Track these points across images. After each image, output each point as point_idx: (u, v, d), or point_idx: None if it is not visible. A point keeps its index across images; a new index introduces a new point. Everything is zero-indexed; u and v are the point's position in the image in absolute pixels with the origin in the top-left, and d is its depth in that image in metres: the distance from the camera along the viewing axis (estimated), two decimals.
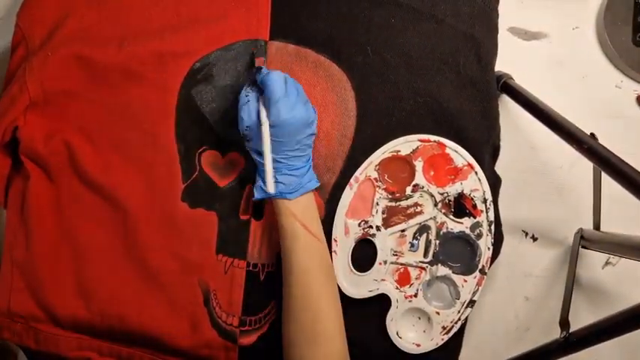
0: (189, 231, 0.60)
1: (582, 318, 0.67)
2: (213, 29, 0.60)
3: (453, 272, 0.61)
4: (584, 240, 0.67)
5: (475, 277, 0.60)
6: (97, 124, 0.59)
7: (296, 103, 0.52)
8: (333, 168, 0.61)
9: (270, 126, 0.51)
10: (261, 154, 0.52)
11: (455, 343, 0.62)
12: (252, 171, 0.59)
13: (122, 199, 0.59)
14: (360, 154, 0.61)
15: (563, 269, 0.70)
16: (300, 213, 0.53)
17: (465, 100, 0.62)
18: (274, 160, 0.52)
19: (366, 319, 0.61)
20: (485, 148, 0.63)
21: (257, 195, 0.55)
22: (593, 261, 0.71)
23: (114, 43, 0.59)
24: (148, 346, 0.59)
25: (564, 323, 0.58)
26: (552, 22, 0.74)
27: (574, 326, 0.55)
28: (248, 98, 0.53)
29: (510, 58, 0.69)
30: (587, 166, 0.66)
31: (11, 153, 0.60)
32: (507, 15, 0.65)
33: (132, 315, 0.58)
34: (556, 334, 0.56)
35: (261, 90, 0.53)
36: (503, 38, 0.65)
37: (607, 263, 0.71)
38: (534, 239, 0.72)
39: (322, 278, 0.53)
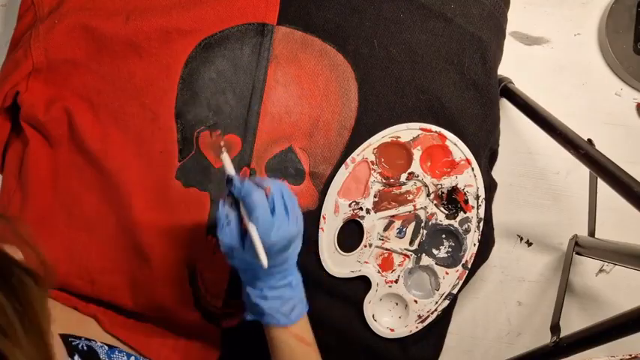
0: (180, 209, 0.59)
1: (574, 324, 0.66)
2: (221, 9, 0.60)
3: (436, 263, 0.61)
4: (578, 246, 0.67)
5: (457, 271, 0.61)
6: (98, 94, 0.59)
7: (282, 221, 0.46)
8: (329, 158, 0.61)
9: None
10: (245, 270, 0.49)
11: (436, 341, 0.62)
12: (249, 155, 0.59)
13: (117, 171, 0.58)
14: (358, 146, 0.61)
15: (557, 275, 0.69)
16: (293, 325, 0.50)
17: (467, 101, 0.62)
18: (258, 287, 0.49)
19: (345, 304, 0.61)
20: (483, 151, 0.63)
21: (248, 317, 0.51)
22: (587, 268, 0.71)
23: (121, 15, 0.59)
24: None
25: (555, 329, 0.58)
26: (554, 27, 0.75)
27: (565, 332, 0.55)
28: (229, 219, 0.47)
29: (511, 62, 0.69)
30: (584, 172, 0.66)
31: (11, 117, 0.60)
32: (510, 19, 0.66)
33: (121, 286, 0.57)
34: (548, 339, 0.56)
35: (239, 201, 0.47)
36: (505, 42, 0.66)
37: (601, 270, 0.71)
38: (529, 244, 0.72)
39: None
